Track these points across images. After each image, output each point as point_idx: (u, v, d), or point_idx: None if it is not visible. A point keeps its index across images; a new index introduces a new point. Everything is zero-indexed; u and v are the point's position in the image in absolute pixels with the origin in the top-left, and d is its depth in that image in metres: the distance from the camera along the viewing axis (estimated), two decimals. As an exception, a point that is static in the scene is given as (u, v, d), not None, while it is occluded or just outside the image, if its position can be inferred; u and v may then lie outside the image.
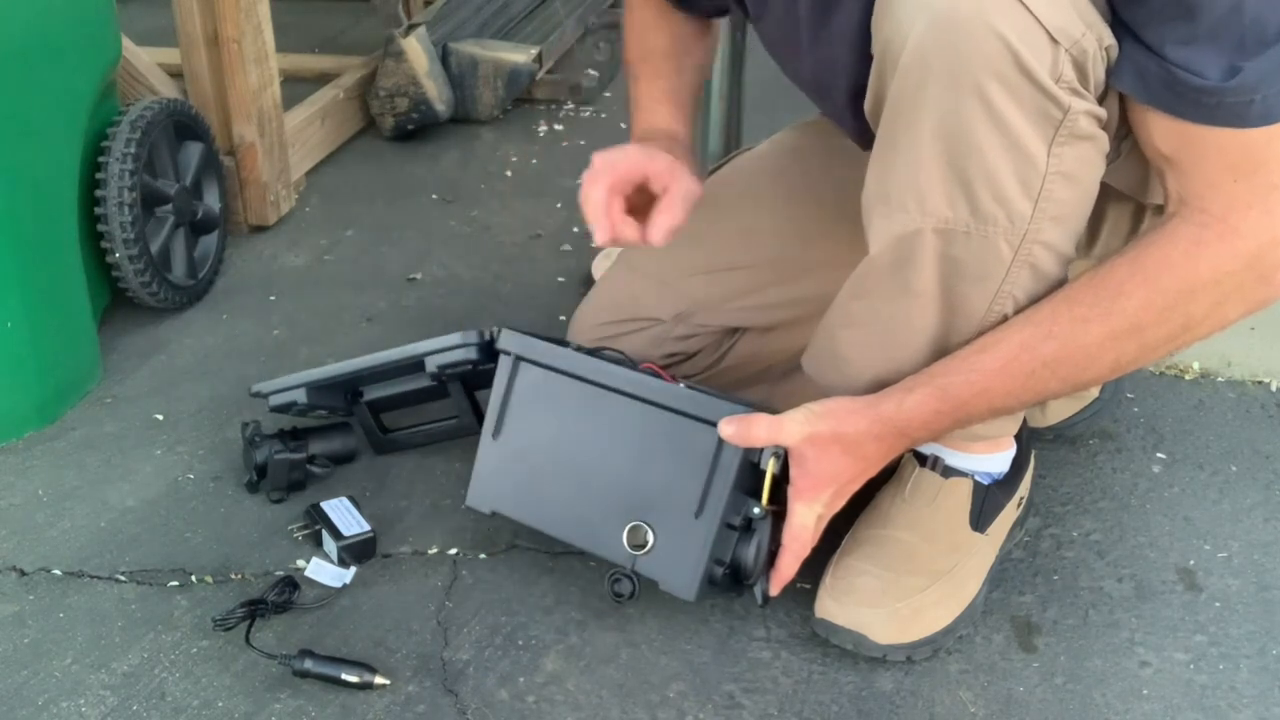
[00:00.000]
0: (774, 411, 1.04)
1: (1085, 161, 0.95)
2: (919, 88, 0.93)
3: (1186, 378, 1.49)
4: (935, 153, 0.94)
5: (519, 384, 1.17)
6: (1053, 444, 1.36)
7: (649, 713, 1.05)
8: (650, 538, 1.08)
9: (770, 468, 1.03)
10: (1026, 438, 1.20)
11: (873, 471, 1.05)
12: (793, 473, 1.03)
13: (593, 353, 1.18)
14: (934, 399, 1.00)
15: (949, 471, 1.14)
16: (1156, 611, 1.15)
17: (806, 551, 1.05)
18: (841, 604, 1.08)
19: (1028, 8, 0.88)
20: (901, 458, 1.15)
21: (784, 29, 1.11)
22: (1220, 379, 1.49)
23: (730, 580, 1.08)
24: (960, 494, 1.13)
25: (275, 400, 1.30)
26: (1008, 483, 1.16)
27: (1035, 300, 1.00)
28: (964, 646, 1.11)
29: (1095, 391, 1.36)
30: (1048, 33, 0.88)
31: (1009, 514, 1.17)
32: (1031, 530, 1.24)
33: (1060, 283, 1.00)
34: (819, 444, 1.01)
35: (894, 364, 1.04)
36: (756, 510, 1.05)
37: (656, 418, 1.09)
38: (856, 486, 1.05)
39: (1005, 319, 1.00)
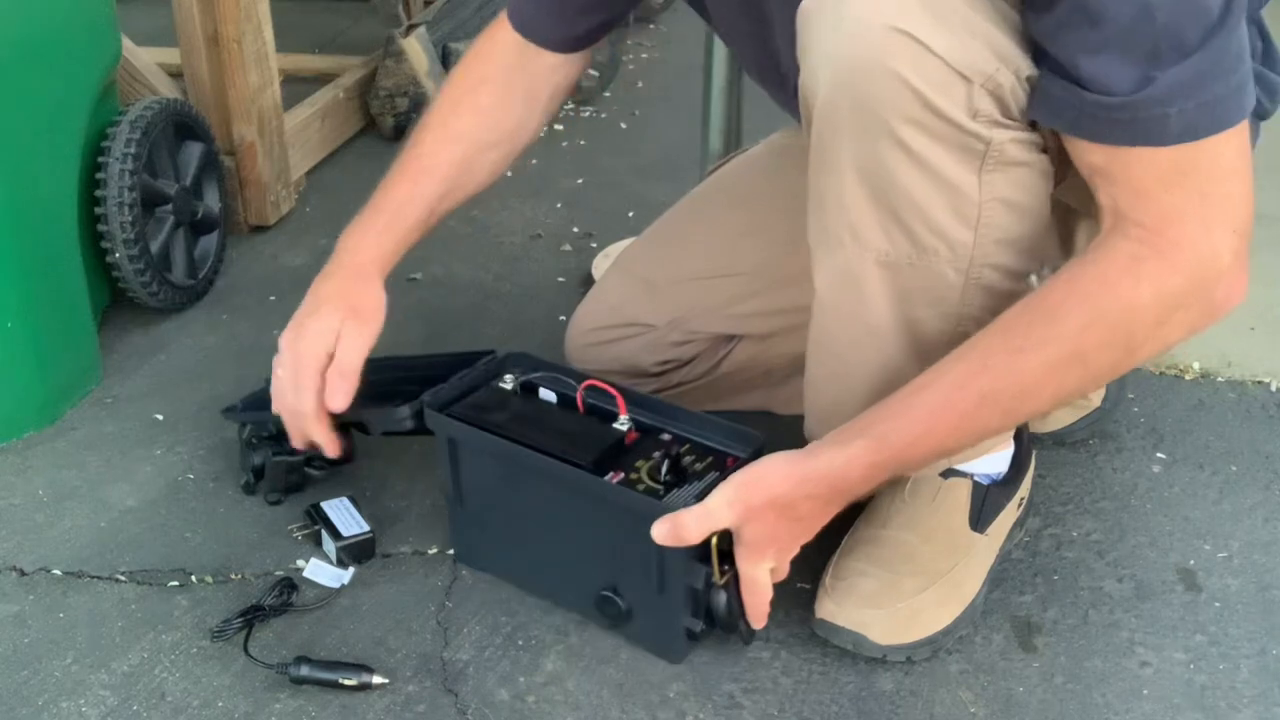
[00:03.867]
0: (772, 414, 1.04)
1: (1023, 186, 0.94)
2: (835, 135, 0.94)
3: (1186, 378, 1.49)
4: (861, 193, 0.95)
5: (462, 456, 1.15)
6: (1052, 444, 1.36)
7: (649, 713, 1.05)
8: (622, 606, 1.07)
9: (714, 544, 1.00)
10: (1027, 439, 1.20)
11: (818, 526, 1.01)
12: (734, 543, 1.01)
13: (558, 378, 1.16)
14: (870, 451, 0.95)
15: (948, 472, 1.14)
16: (1156, 611, 1.15)
17: (767, 599, 1.03)
18: (841, 605, 1.08)
19: (930, 49, 0.88)
20: None
21: (731, 23, 1.11)
22: (1220, 379, 1.49)
23: (710, 629, 1.07)
24: (959, 494, 1.13)
25: (246, 419, 1.30)
26: (1008, 483, 1.16)
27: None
28: (964, 646, 1.11)
29: (1096, 400, 1.36)
30: (957, 72, 0.88)
31: (1009, 514, 1.17)
32: (1031, 530, 1.24)
33: (1021, 296, 0.97)
34: (752, 514, 0.98)
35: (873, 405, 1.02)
36: (713, 580, 1.03)
37: (594, 504, 1.06)
38: (804, 541, 1.02)
39: None
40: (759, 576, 1.02)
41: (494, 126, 1.25)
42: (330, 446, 1.16)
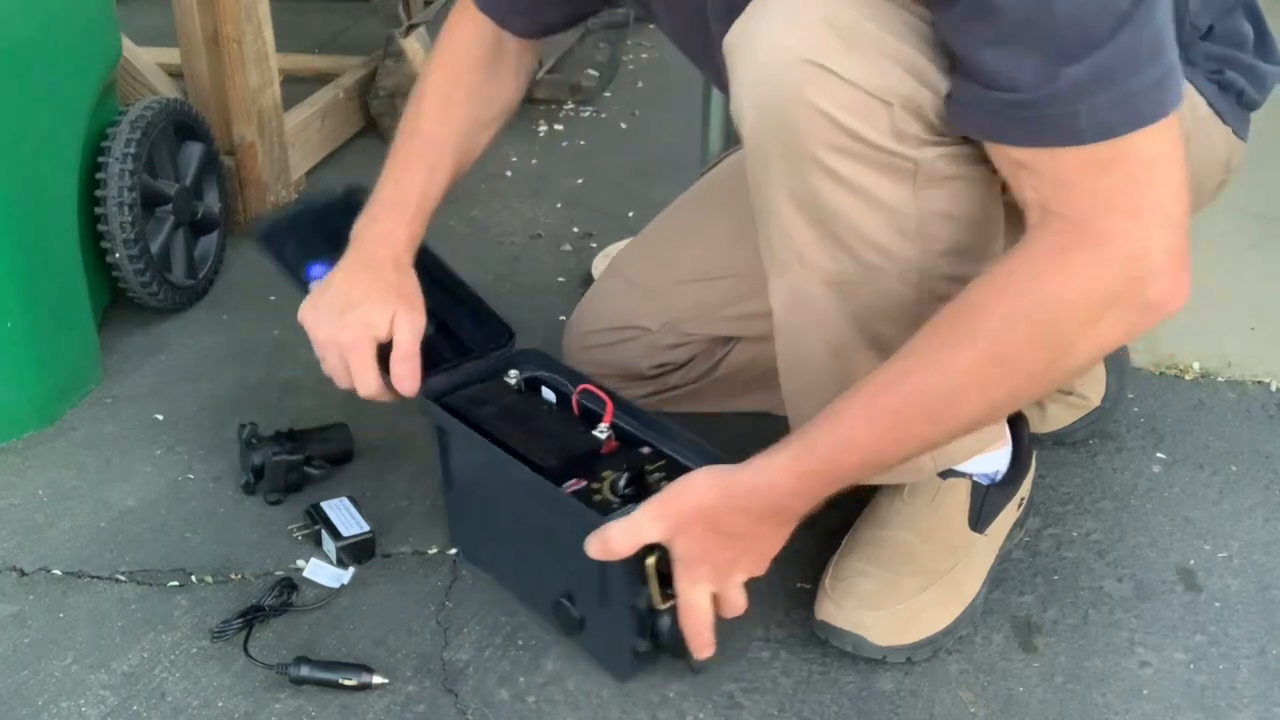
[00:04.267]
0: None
1: (961, 198, 0.94)
2: (764, 165, 0.95)
3: (1186, 378, 1.49)
4: (798, 219, 0.95)
5: (450, 445, 1.16)
6: (1052, 445, 1.36)
7: (649, 713, 1.05)
8: (575, 615, 1.06)
9: (650, 564, 0.98)
10: (1028, 439, 1.20)
11: (760, 548, 0.98)
12: (672, 562, 0.98)
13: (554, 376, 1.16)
14: (794, 459, 0.93)
15: (947, 472, 1.14)
16: (1156, 611, 1.15)
17: (705, 625, 1.00)
18: (840, 606, 1.08)
19: (844, 78, 0.88)
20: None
21: (686, 39, 1.12)
22: (1220, 379, 1.49)
23: (657, 651, 1.04)
24: (959, 494, 1.13)
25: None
26: (1008, 483, 1.16)
27: None
28: (964, 646, 1.11)
29: (1095, 400, 1.36)
30: (875, 96, 0.88)
31: (1009, 514, 1.17)
32: (1031, 530, 1.24)
33: None
34: (679, 528, 0.95)
35: None
36: (654, 604, 1.00)
37: (551, 509, 1.06)
38: (748, 566, 0.99)
39: None
40: (695, 600, 0.98)
41: (489, 106, 1.27)
42: (410, 385, 1.14)
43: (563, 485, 1.04)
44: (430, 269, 1.25)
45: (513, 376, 1.18)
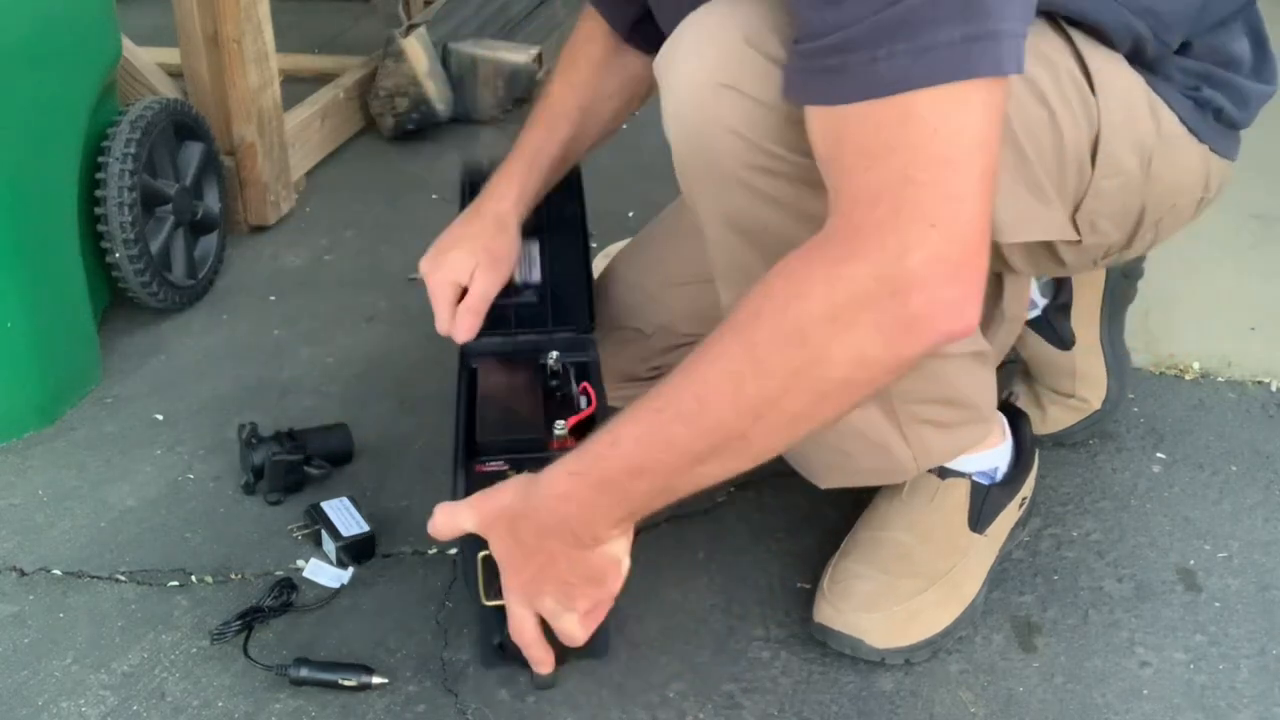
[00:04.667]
0: None
1: None
2: (694, 190, 0.97)
3: (1186, 378, 1.49)
4: (735, 238, 0.97)
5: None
6: (1052, 445, 1.36)
7: (649, 713, 1.05)
8: (470, 593, 1.05)
9: (480, 558, 0.98)
10: (1030, 439, 1.20)
11: (551, 567, 0.94)
12: None
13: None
14: (568, 460, 0.91)
15: (946, 472, 1.14)
16: (1156, 611, 1.15)
17: (530, 640, 0.98)
18: (838, 609, 1.08)
19: (758, 99, 0.88)
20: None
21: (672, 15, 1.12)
22: (1220, 379, 1.49)
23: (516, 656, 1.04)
24: (958, 495, 1.13)
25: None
26: (1008, 483, 1.16)
27: None
28: (964, 646, 1.11)
29: (1095, 402, 1.35)
30: (783, 114, 0.88)
31: (1010, 515, 1.17)
32: (1031, 530, 1.24)
33: None
34: (489, 526, 0.95)
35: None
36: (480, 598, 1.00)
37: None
38: (551, 587, 0.95)
39: None
40: (514, 609, 0.97)
41: (611, 75, 1.28)
42: (464, 334, 1.20)
43: (484, 461, 1.06)
44: (566, 228, 1.32)
45: (552, 357, 1.19)
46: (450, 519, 0.97)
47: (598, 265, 1.74)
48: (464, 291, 1.20)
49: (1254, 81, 1.05)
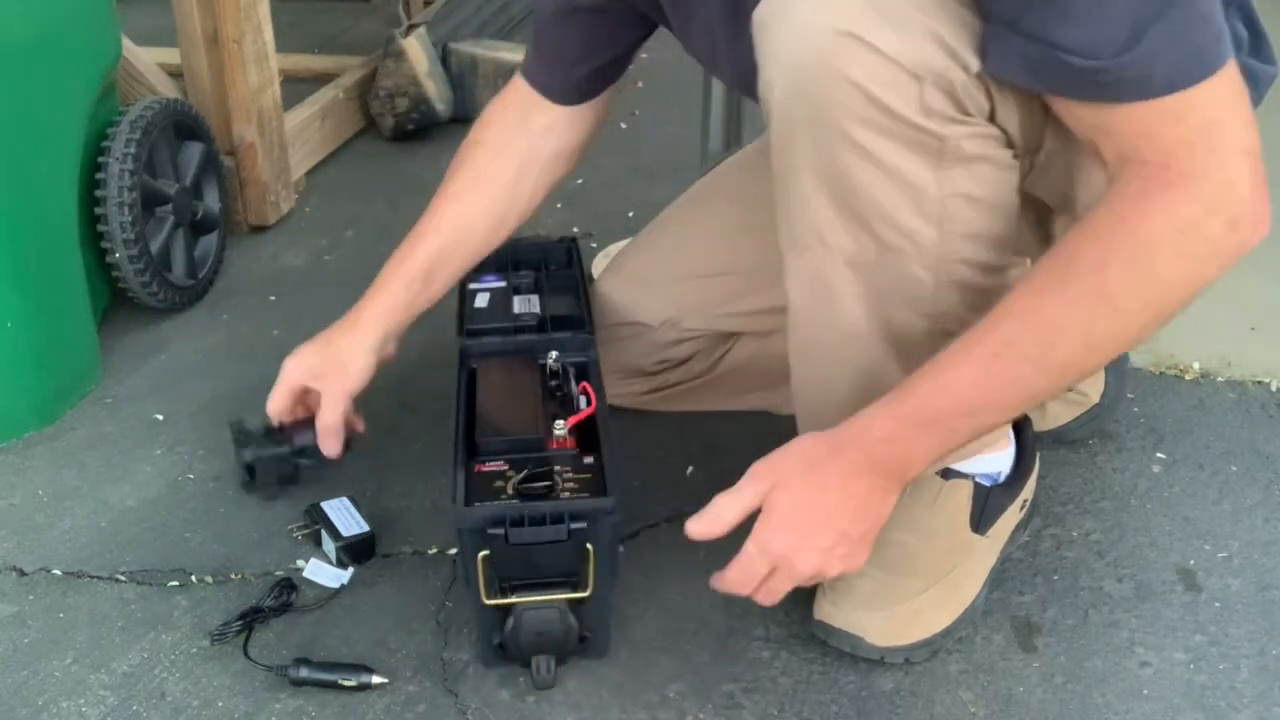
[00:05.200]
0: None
1: (985, 180, 0.94)
2: (791, 139, 0.95)
3: (1186, 378, 1.49)
4: (823, 197, 0.95)
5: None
6: (1053, 444, 1.36)
7: (649, 713, 1.05)
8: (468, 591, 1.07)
9: (481, 559, 0.99)
10: (1032, 441, 1.20)
11: (842, 510, 0.95)
12: (759, 521, 0.96)
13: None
14: (891, 404, 0.93)
15: (949, 473, 1.14)
16: (1156, 611, 1.15)
17: (746, 583, 0.97)
18: (839, 606, 1.08)
19: (880, 50, 0.88)
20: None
21: (703, 37, 1.12)
22: (1220, 379, 1.49)
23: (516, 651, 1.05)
24: (960, 496, 1.13)
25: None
26: (1010, 485, 1.16)
27: (981, 314, 0.93)
28: (964, 646, 1.11)
29: (1095, 396, 1.36)
30: (907, 71, 0.88)
31: (1011, 516, 1.17)
32: (1031, 530, 1.24)
33: (1003, 290, 0.94)
34: (780, 478, 0.95)
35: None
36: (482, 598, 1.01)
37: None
38: (827, 530, 0.95)
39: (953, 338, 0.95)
40: (752, 558, 0.96)
41: (486, 187, 1.29)
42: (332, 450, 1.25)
43: (483, 461, 1.06)
44: (564, 285, 1.34)
45: (551, 357, 1.19)
46: (737, 502, 0.95)
47: (598, 265, 1.74)
48: (305, 390, 1.25)
49: (1256, 61, 1.06)
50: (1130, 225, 0.86)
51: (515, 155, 1.28)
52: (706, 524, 0.96)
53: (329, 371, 1.23)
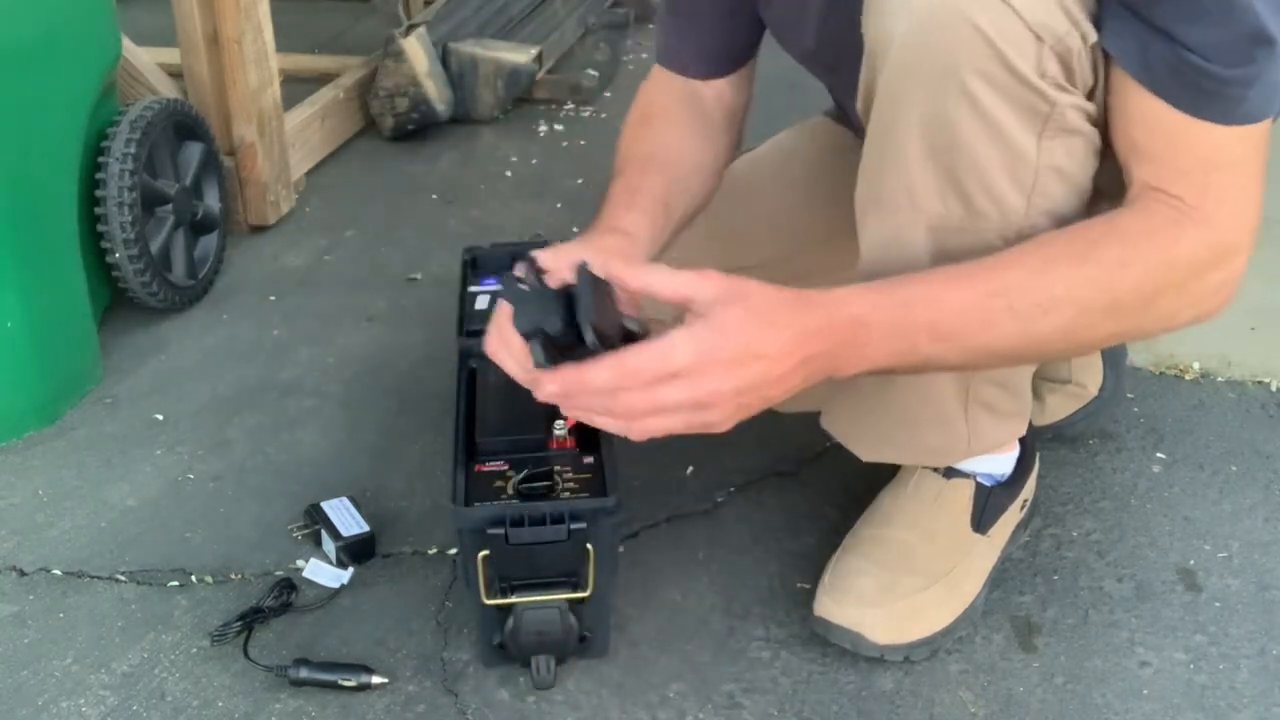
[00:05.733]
0: None
1: (1075, 156, 0.94)
2: (904, 87, 0.93)
3: (1186, 378, 1.49)
4: (922, 151, 0.94)
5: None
6: (1053, 444, 1.36)
7: (649, 713, 1.05)
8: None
9: (480, 559, 0.99)
10: (1031, 440, 1.20)
11: (783, 374, 0.86)
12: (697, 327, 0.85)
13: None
14: (873, 290, 0.89)
15: (951, 472, 1.14)
16: (1156, 611, 1.15)
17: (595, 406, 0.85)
18: (840, 603, 1.08)
19: (1010, 4, 0.87)
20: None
21: (793, 6, 1.10)
22: (1220, 379, 1.49)
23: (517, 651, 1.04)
24: (962, 495, 1.13)
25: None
26: (1011, 485, 1.16)
27: None
28: (964, 646, 1.11)
29: (1094, 389, 1.36)
30: (1030, 29, 0.88)
31: (1012, 516, 1.17)
32: (1031, 530, 1.24)
33: None
34: (726, 295, 0.86)
35: None
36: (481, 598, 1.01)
37: None
38: (755, 390, 0.86)
39: None
40: (666, 409, 0.85)
41: (684, 136, 1.17)
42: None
43: (484, 461, 1.06)
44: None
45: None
46: (670, 279, 0.86)
47: (598, 265, 1.74)
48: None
49: None
50: (1160, 242, 0.89)
51: (698, 122, 1.18)
52: (628, 274, 0.86)
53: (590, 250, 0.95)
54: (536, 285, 0.85)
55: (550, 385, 0.85)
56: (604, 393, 0.84)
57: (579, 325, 0.83)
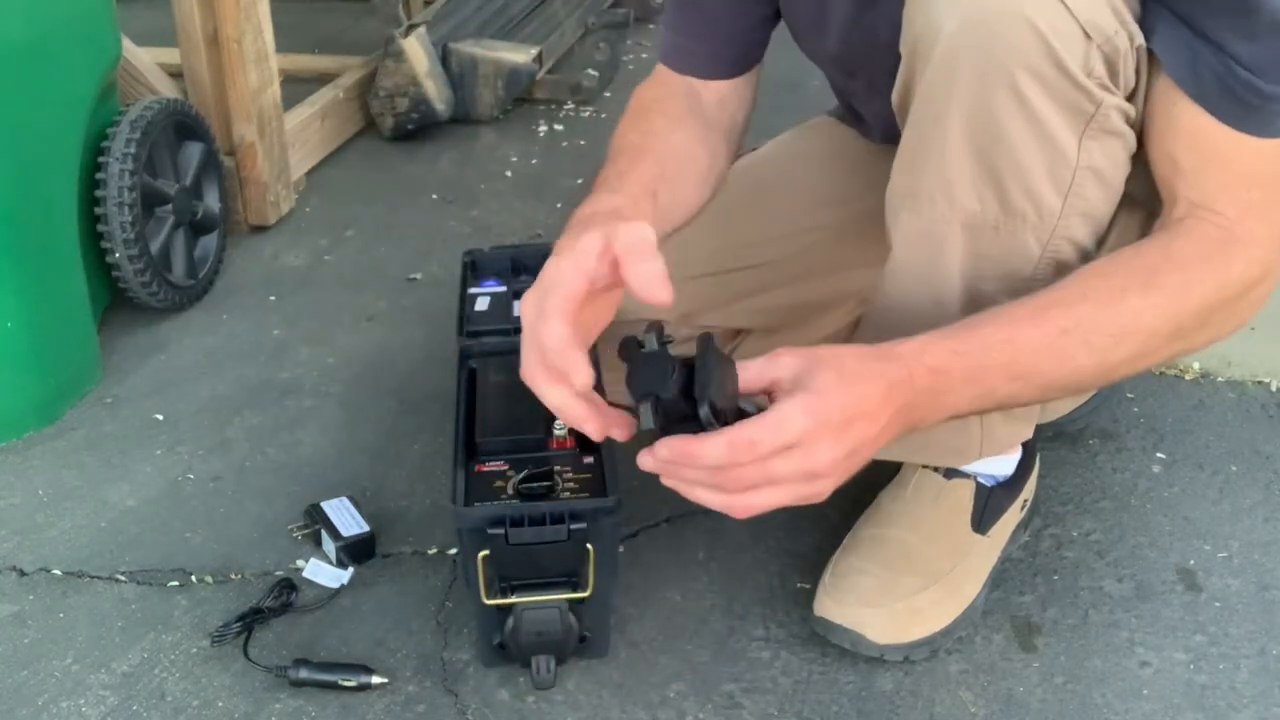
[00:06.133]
0: None
1: (1113, 157, 0.94)
2: (950, 80, 0.92)
3: (1186, 378, 1.49)
4: (964, 146, 0.93)
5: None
6: (1053, 444, 1.36)
7: (649, 713, 1.05)
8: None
9: (481, 559, 0.99)
10: (1032, 441, 1.20)
11: (877, 420, 0.83)
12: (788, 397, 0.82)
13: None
14: (946, 338, 0.88)
15: (951, 473, 1.14)
16: (1156, 611, 1.15)
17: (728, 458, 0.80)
18: (840, 603, 1.08)
19: (1064, 1, 0.87)
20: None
21: (815, 8, 1.10)
22: (1220, 379, 1.49)
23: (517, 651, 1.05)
24: (962, 495, 1.13)
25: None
26: (1011, 485, 1.16)
27: None
28: (964, 646, 1.11)
29: (1093, 387, 1.35)
30: (1081, 27, 0.88)
31: (1012, 516, 1.17)
32: (1031, 530, 1.24)
33: None
34: (816, 364, 0.83)
35: None
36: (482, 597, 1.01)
37: None
38: (855, 447, 0.82)
39: None
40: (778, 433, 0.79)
41: (678, 139, 1.13)
42: (658, 290, 0.83)
43: (484, 461, 1.06)
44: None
45: None
46: (764, 370, 0.82)
47: (598, 265, 1.74)
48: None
49: None
50: (1215, 265, 0.91)
51: (696, 123, 1.14)
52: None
53: (617, 226, 0.86)
54: (656, 349, 0.83)
55: (662, 451, 0.81)
56: (714, 468, 0.80)
57: (696, 399, 0.80)
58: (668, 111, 1.15)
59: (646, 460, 0.82)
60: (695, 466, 0.81)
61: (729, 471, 0.80)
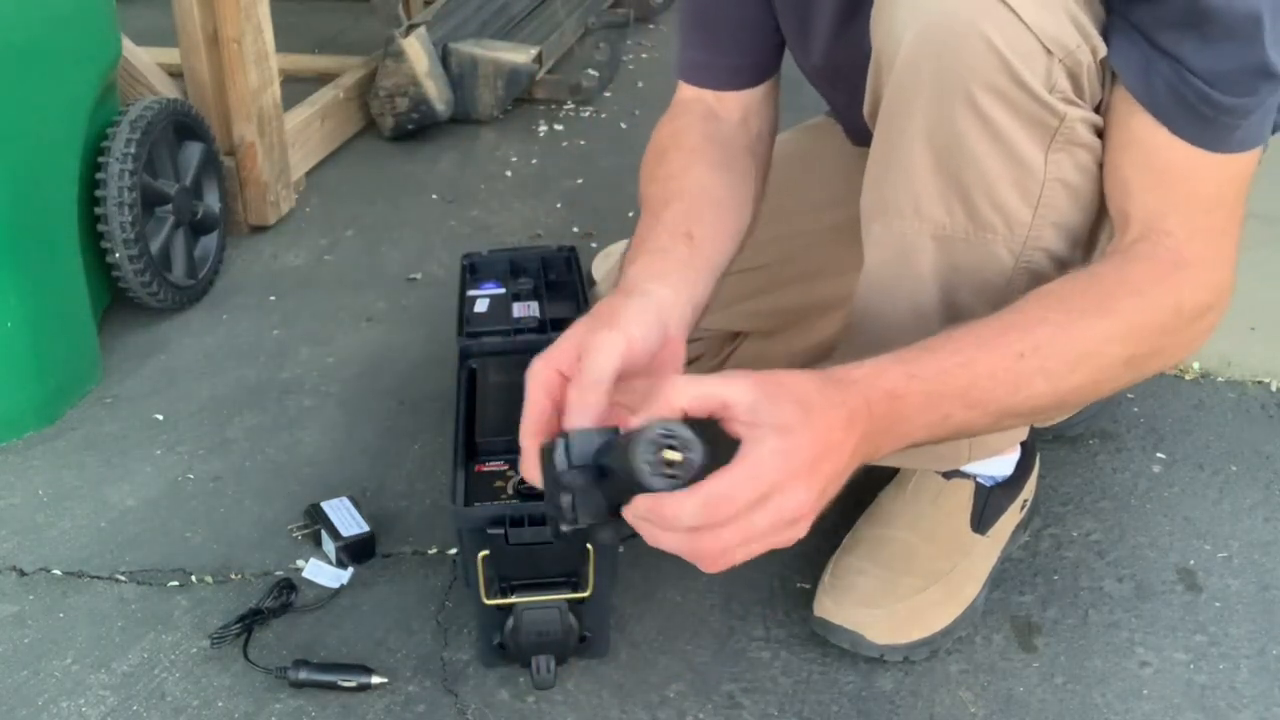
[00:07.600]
0: None
1: (1083, 169, 0.94)
2: (911, 96, 0.92)
3: (1186, 378, 1.49)
4: (929, 161, 0.93)
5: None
6: (1053, 444, 1.36)
7: (649, 713, 1.05)
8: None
9: (480, 558, 0.99)
10: (1031, 441, 1.20)
11: (842, 452, 0.78)
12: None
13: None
14: (902, 362, 0.83)
15: (951, 473, 1.14)
16: (1156, 611, 1.15)
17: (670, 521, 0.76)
18: (839, 603, 1.08)
19: (1021, 17, 0.87)
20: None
21: (801, 14, 1.10)
22: (1220, 379, 1.49)
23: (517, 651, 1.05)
24: (962, 495, 1.13)
25: None
26: (1011, 485, 1.16)
27: None
28: (964, 646, 1.11)
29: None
30: (1041, 43, 0.87)
31: (1012, 516, 1.17)
32: (1031, 530, 1.24)
33: None
34: (768, 392, 0.76)
35: None
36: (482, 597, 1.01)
37: None
38: (825, 471, 0.77)
39: None
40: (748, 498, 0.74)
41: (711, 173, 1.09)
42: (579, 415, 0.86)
43: (484, 461, 1.06)
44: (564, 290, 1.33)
45: None
46: (701, 386, 0.75)
47: (598, 265, 1.74)
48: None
49: None
50: (1168, 288, 0.89)
51: (715, 150, 1.11)
52: (657, 407, 0.75)
53: (596, 329, 0.88)
54: (557, 471, 0.82)
55: (638, 508, 0.76)
56: (690, 529, 0.76)
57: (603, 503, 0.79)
58: (684, 145, 1.12)
59: (629, 511, 0.78)
60: (670, 529, 0.76)
61: (705, 534, 0.76)
